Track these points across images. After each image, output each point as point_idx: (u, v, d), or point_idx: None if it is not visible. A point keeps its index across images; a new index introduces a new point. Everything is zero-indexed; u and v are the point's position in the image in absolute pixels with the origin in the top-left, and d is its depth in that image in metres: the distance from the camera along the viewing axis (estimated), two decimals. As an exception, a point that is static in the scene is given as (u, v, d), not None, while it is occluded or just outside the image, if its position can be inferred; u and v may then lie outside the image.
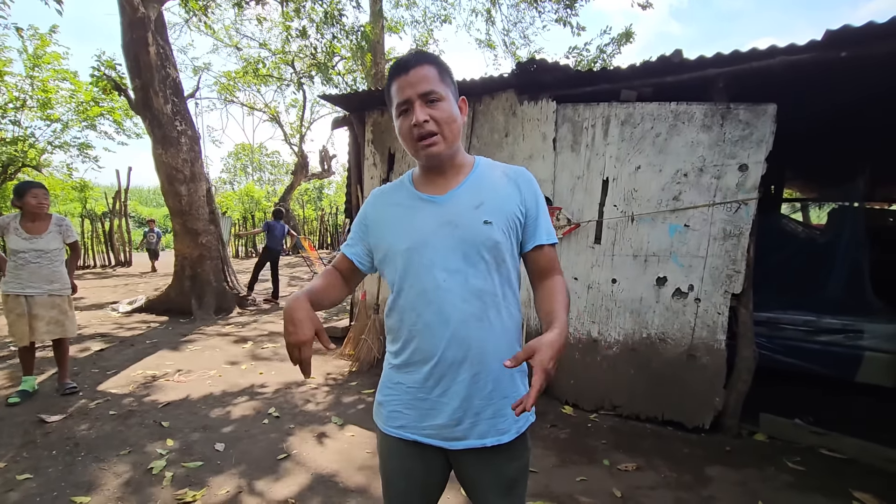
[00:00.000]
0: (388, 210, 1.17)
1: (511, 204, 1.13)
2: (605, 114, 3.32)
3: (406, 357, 1.14)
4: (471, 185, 1.15)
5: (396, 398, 1.16)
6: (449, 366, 1.09)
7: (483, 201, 1.12)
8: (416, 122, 1.05)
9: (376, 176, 4.66)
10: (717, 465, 2.71)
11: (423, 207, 1.14)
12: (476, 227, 1.09)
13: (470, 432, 1.10)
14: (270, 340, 5.31)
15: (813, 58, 2.66)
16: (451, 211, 1.11)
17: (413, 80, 1.05)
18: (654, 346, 3.23)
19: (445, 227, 1.10)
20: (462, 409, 1.09)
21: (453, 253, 1.09)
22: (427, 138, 1.07)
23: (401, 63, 1.08)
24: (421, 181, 1.18)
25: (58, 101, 10.91)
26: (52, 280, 3.39)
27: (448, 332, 1.08)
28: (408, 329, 1.12)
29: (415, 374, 1.13)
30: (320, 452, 2.82)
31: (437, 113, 1.06)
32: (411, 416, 1.13)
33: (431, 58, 1.10)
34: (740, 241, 2.99)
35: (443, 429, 1.11)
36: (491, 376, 1.10)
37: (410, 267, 1.11)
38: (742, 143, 2.95)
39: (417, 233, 1.11)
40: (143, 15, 5.67)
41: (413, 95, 1.05)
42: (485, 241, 1.09)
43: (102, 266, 12.65)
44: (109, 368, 4.18)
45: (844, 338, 3.63)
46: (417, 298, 1.10)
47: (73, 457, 2.67)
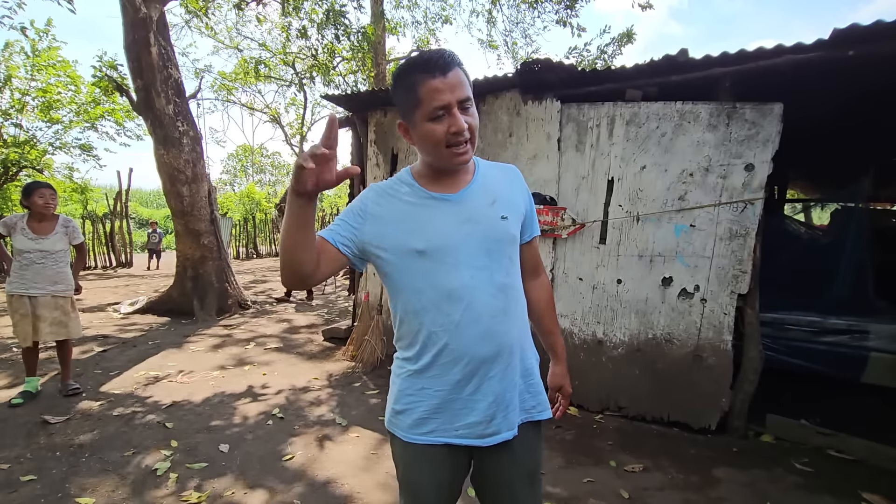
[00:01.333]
0: (395, 206, 1.12)
1: (518, 201, 1.19)
2: (609, 113, 3.31)
3: (430, 360, 1.11)
4: (481, 183, 1.16)
5: (422, 403, 1.12)
6: (482, 363, 1.09)
7: (496, 198, 1.15)
8: (459, 129, 1.01)
9: (379, 176, 4.65)
10: (725, 467, 2.70)
11: (437, 206, 1.11)
12: (495, 223, 1.12)
13: (502, 425, 1.11)
14: (273, 341, 5.29)
15: (820, 57, 2.65)
16: (469, 208, 1.11)
17: (452, 83, 1.00)
18: (660, 346, 3.22)
19: (466, 224, 1.10)
20: (496, 405, 1.10)
21: (477, 250, 1.09)
22: (461, 146, 1.04)
23: (434, 61, 1.01)
24: (427, 179, 1.14)
25: (60, 102, 10.89)
26: (56, 281, 3.38)
27: (480, 330, 1.08)
28: (432, 331, 1.09)
29: (443, 377, 1.10)
30: (325, 454, 2.80)
31: (472, 121, 1.04)
32: (441, 420, 1.11)
33: (459, 60, 1.04)
34: (746, 241, 2.97)
35: (476, 426, 1.10)
36: (517, 367, 1.15)
37: (432, 266, 1.08)
38: (748, 142, 2.93)
39: (437, 232, 1.08)
40: (144, 15, 5.66)
41: (453, 101, 1.00)
42: (504, 236, 1.13)
43: (104, 267, 12.64)
44: (112, 369, 4.16)
45: (850, 338, 3.60)
46: (444, 298, 1.08)
47: (77, 458, 2.66)
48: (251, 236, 17.61)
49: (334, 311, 7.23)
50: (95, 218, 12.95)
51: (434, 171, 1.13)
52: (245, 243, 17.42)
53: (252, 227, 17.71)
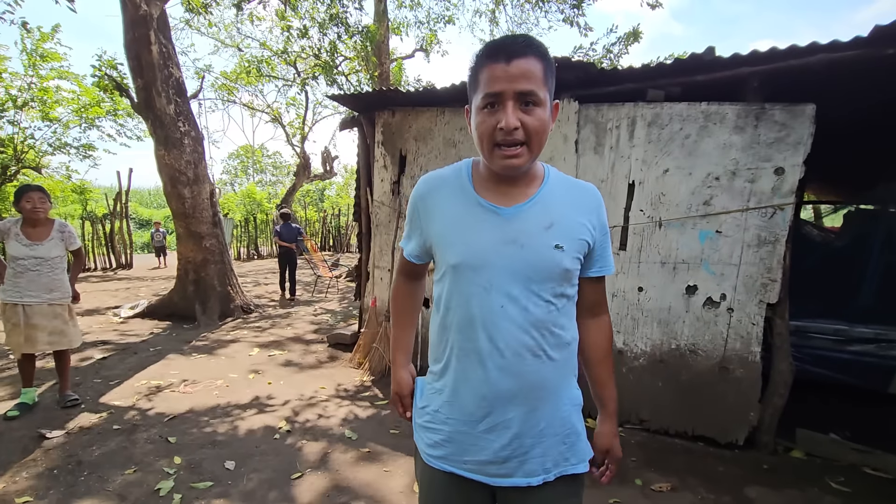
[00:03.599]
0: (442, 205, 1.02)
1: (583, 230, 1.01)
2: (630, 114, 3.18)
3: (448, 382, 1.04)
4: (541, 201, 0.99)
5: (436, 426, 1.06)
6: (499, 401, 0.98)
7: (554, 222, 0.98)
8: (506, 126, 0.88)
9: (386, 178, 4.52)
10: (756, 486, 2.57)
11: (483, 217, 0.98)
12: (545, 250, 0.96)
13: (517, 470, 1.00)
14: (277, 347, 5.16)
15: (856, 55, 2.52)
16: (518, 228, 0.97)
17: (514, 72, 0.87)
18: (684, 357, 3.09)
19: (509, 245, 0.96)
20: (510, 448, 0.99)
21: (515, 277, 0.96)
22: (510, 147, 0.90)
23: (502, 46, 0.89)
24: (483, 183, 1.01)
25: (59, 102, 10.74)
26: (52, 288, 3.24)
27: (501, 364, 0.97)
28: (453, 352, 1.02)
29: (458, 405, 1.02)
30: (336, 471, 2.67)
31: (531, 120, 0.89)
32: (451, 449, 1.03)
33: (541, 50, 0.90)
34: (776, 247, 2.84)
35: (486, 465, 1.01)
36: (545, 414, 1.00)
37: (462, 285, 0.98)
38: (778, 145, 2.81)
39: (475, 248, 0.97)
40: (145, 13, 5.53)
41: (509, 91, 0.87)
42: (553, 267, 0.97)
43: (103, 269, 12.49)
44: (112, 378, 4.03)
45: (877, 347, 3.49)
46: (468, 322, 0.98)
47: (76, 477, 2.53)
48: (252, 237, 17.44)
49: (339, 314, 7.09)
50: (95, 219, 12.80)
51: (490, 172, 1.00)
52: (246, 244, 17.25)
53: (253, 227, 17.53)
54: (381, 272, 4.62)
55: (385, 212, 4.53)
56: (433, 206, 1.03)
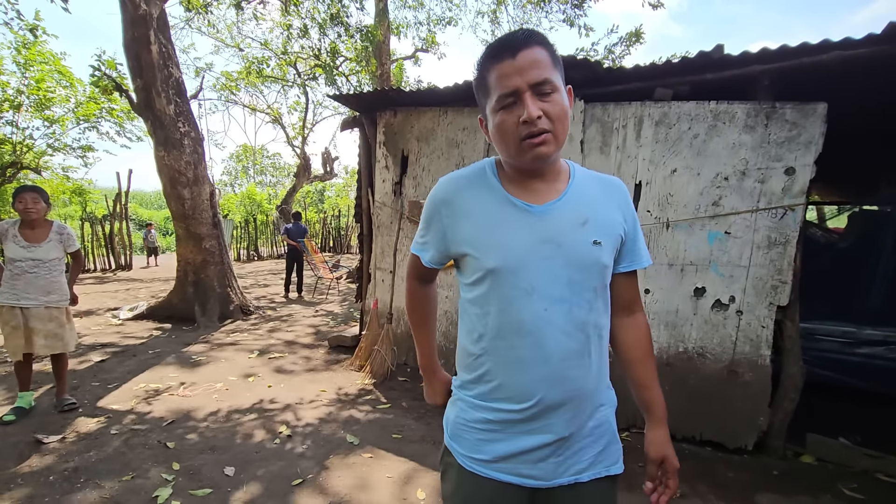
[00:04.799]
0: (470, 207, 0.97)
1: (616, 224, 0.99)
2: (637, 114, 3.13)
3: (486, 390, 0.99)
4: (573, 197, 0.97)
5: (475, 433, 1.01)
6: (544, 408, 0.95)
7: (588, 218, 0.96)
8: (529, 118, 0.85)
9: (388, 179, 4.47)
10: (767, 493, 2.51)
11: (517, 217, 0.95)
12: (584, 247, 0.94)
13: (553, 472, 0.98)
14: (277, 350, 5.10)
15: (871, 52, 2.47)
16: (553, 226, 0.94)
17: (522, 65, 0.85)
18: (692, 361, 3.04)
19: (547, 245, 0.93)
20: (549, 449, 0.97)
21: (557, 278, 0.93)
22: (537, 136, 0.87)
23: (504, 44, 0.88)
24: (511, 181, 0.98)
25: (55, 100, 10.68)
26: (50, 291, 3.19)
27: (546, 371, 0.94)
28: (492, 362, 0.98)
29: (498, 412, 0.98)
30: (337, 476, 2.62)
31: (551, 107, 0.87)
32: (490, 453, 0.99)
33: (541, 38, 0.89)
34: (786, 249, 2.79)
35: (525, 467, 0.98)
36: (585, 415, 0.98)
37: (501, 290, 0.94)
38: (788, 144, 2.76)
39: (512, 249, 0.93)
40: (144, 12, 5.48)
41: (522, 85, 0.86)
42: (593, 264, 0.95)
43: (103, 270, 12.44)
44: (110, 381, 3.97)
45: (886, 350, 3.43)
46: (510, 329, 0.94)
47: (72, 483, 2.47)
48: (252, 238, 17.38)
49: (340, 316, 7.04)
50: (94, 220, 12.75)
51: (517, 170, 0.97)
52: (246, 245, 17.19)
53: (253, 228, 17.47)
54: (382, 274, 4.56)
55: (387, 213, 4.48)
56: (460, 208, 0.98)
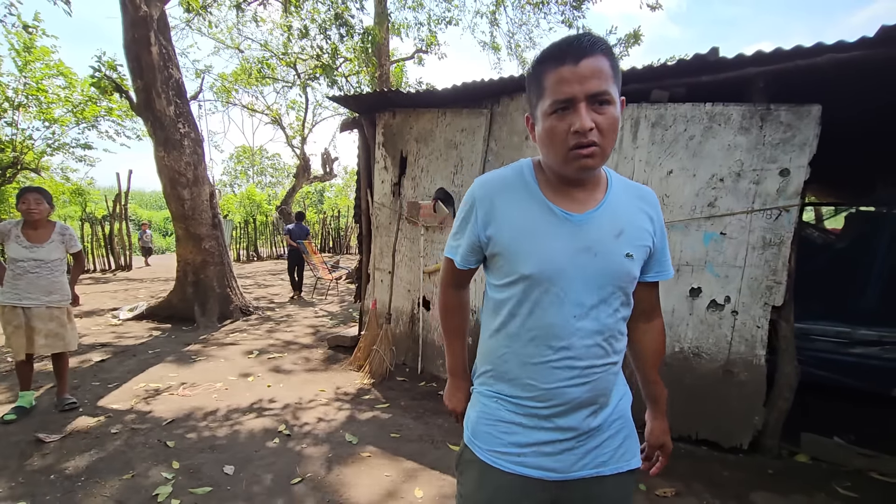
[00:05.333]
0: (509, 210, 0.98)
1: (646, 236, 1.02)
2: (633, 115, 3.15)
3: (511, 388, 1.02)
4: (610, 207, 0.99)
5: (496, 425, 1.04)
6: (570, 407, 0.99)
7: (623, 229, 0.98)
8: (581, 129, 0.85)
9: (387, 180, 4.50)
10: (762, 491, 2.54)
11: (556, 225, 0.96)
12: (618, 259, 0.97)
13: (574, 465, 1.01)
14: (277, 350, 5.13)
15: (864, 55, 2.50)
16: (591, 236, 0.96)
17: (584, 73, 0.84)
18: (688, 360, 3.06)
19: (583, 254, 0.95)
20: (572, 443, 1.00)
21: (589, 286, 0.95)
22: (586, 148, 0.87)
23: (568, 47, 0.86)
24: (550, 186, 0.99)
25: (55, 101, 10.69)
26: (51, 291, 3.21)
27: (571, 374, 0.97)
28: (518, 360, 1.00)
29: (521, 407, 1.01)
30: (336, 475, 2.64)
31: (603, 120, 0.87)
32: (513, 445, 1.02)
33: (606, 46, 0.87)
34: (781, 250, 2.82)
35: (548, 462, 1.00)
36: (607, 412, 1.03)
37: (534, 294, 0.96)
38: (783, 146, 2.78)
39: (550, 257, 0.94)
40: (145, 14, 5.50)
41: (580, 94, 0.85)
42: (625, 275, 0.98)
43: (102, 270, 12.46)
44: (111, 381, 3.99)
45: (881, 350, 3.46)
46: (539, 331, 0.97)
47: (73, 482, 2.49)
48: (252, 239, 17.40)
49: (339, 316, 7.06)
50: (94, 220, 12.77)
51: (557, 175, 0.98)
52: (246, 246, 17.21)
53: (253, 229, 17.49)
54: (381, 274, 4.59)
55: (385, 213, 4.51)
56: (498, 210, 0.99)
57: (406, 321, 4.45)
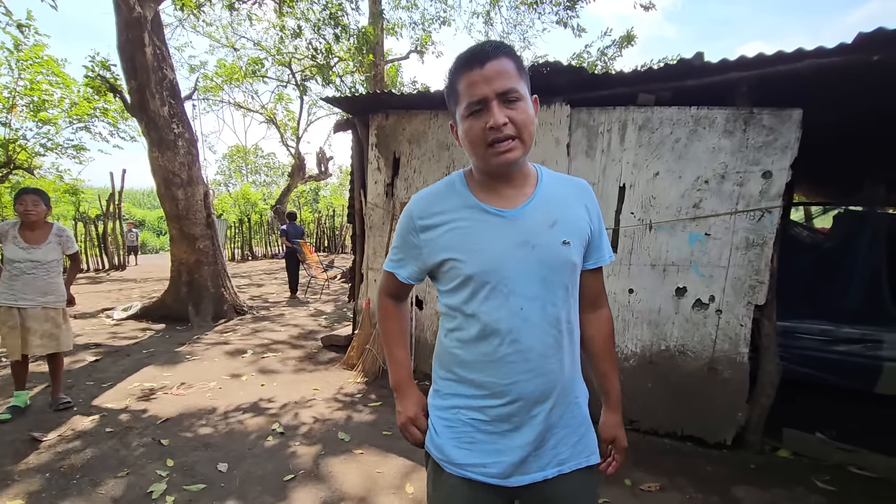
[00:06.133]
0: (445, 220, 1.02)
1: (582, 223, 1.05)
2: (621, 118, 3.21)
3: (468, 391, 1.04)
4: (542, 200, 1.03)
5: (455, 430, 1.05)
6: (526, 402, 1.01)
7: (557, 219, 1.02)
8: (495, 124, 0.91)
9: (380, 181, 4.54)
10: (744, 485, 2.61)
11: (491, 223, 1.00)
12: (555, 248, 1.00)
13: (533, 465, 1.03)
14: (271, 349, 5.16)
15: (843, 61, 2.56)
16: (526, 229, 0.99)
17: (490, 74, 0.91)
18: (674, 358, 3.13)
19: (521, 248, 0.99)
20: (533, 444, 1.02)
21: (532, 278, 0.99)
22: (504, 143, 0.93)
23: (473, 54, 0.93)
24: (481, 189, 1.03)
25: (51, 102, 10.66)
26: (47, 292, 3.24)
27: (526, 367, 0.99)
28: (473, 361, 1.02)
29: (479, 410, 1.03)
30: (329, 472, 2.69)
31: (517, 114, 0.93)
32: (472, 453, 1.03)
33: (508, 49, 0.95)
34: (764, 250, 2.89)
35: (508, 466, 1.02)
36: (562, 408, 1.05)
37: (480, 293, 0.99)
38: (766, 149, 2.85)
39: (489, 255, 0.98)
40: (139, 15, 5.51)
41: (490, 94, 0.91)
42: (564, 263, 1.01)
43: (96, 270, 12.43)
44: (105, 381, 4.02)
45: (863, 347, 3.54)
46: (490, 328, 0.99)
47: (68, 480, 2.53)
48: (247, 238, 17.38)
49: (333, 316, 7.10)
50: (88, 220, 12.73)
51: (487, 177, 1.03)
52: (240, 245, 17.20)
53: (247, 228, 17.48)
54: (374, 274, 4.63)
55: (379, 214, 4.55)
56: (435, 223, 1.03)
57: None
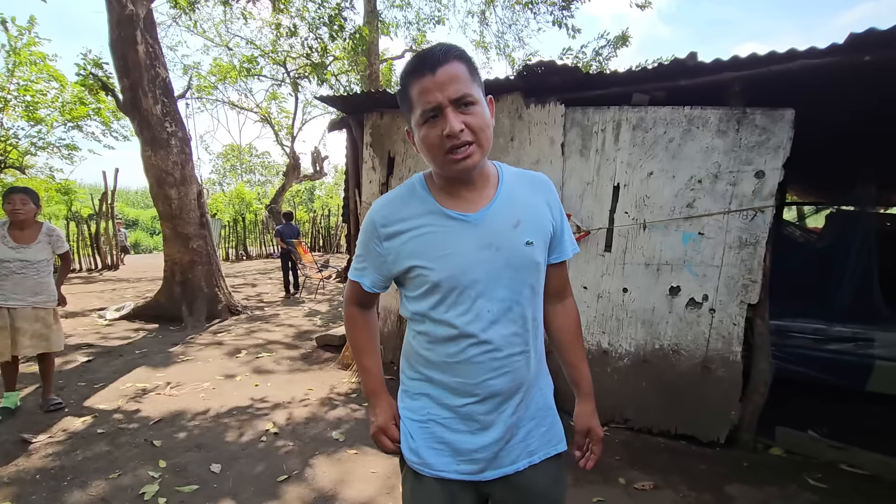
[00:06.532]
0: (408, 226, 1.01)
1: (545, 220, 1.06)
2: (615, 118, 3.22)
3: (437, 390, 1.04)
4: (504, 200, 1.03)
5: (427, 430, 1.06)
6: (494, 400, 1.02)
7: (520, 219, 1.02)
8: (451, 132, 0.89)
9: (375, 180, 4.52)
10: (737, 483, 2.62)
11: (455, 228, 0.99)
12: (519, 249, 1.00)
13: (504, 459, 1.05)
14: (265, 349, 5.14)
15: (835, 62, 2.58)
16: (490, 232, 0.99)
17: (442, 80, 0.89)
18: (668, 357, 3.14)
19: (486, 250, 0.99)
20: (504, 440, 1.04)
21: (498, 280, 0.99)
22: (461, 149, 0.92)
23: (424, 60, 0.91)
24: (442, 193, 1.02)
25: (44, 102, 10.56)
26: (37, 292, 3.21)
27: (495, 366, 1.00)
28: (444, 361, 1.02)
29: (450, 409, 1.04)
30: (322, 472, 2.68)
31: (473, 119, 0.91)
32: (443, 451, 1.04)
33: (459, 52, 0.93)
34: (756, 249, 2.90)
35: (480, 461, 1.03)
36: (530, 403, 1.07)
37: (448, 298, 0.99)
38: (759, 148, 2.86)
39: (455, 261, 0.98)
40: (131, 12, 5.47)
41: (444, 100, 0.89)
42: (529, 264, 1.02)
43: (88, 270, 12.32)
44: (97, 381, 3.99)
45: (854, 346, 3.56)
46: (458, 331, 0.99)
47: (59, 482, 2.50)
48: (241, 238, 17.30)
49: (327, 316, 7.07)
50: (80, 219, 12.62)
51: (447, 181, 1.02)
52: (235, 245, 17.10)
53: (242, 228, 17.39)
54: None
55: (373, 213, 4.53)
56: (399, 230, 1.01)
57: (394, 320, 4.48)
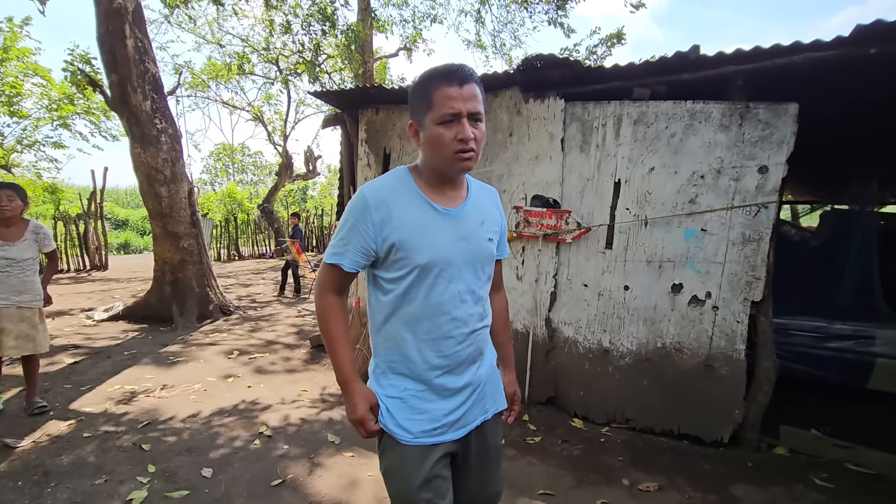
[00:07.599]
0: (401, 211, 1.15)
1: (497, 223, 1.32)
2: (616, 113, 3.16)
3: (415, 365, 1.19)
4: (473, 202, 1.25)
5: (405, 404, 1.20)
6: (460, 368, 1.23)
7: (484, 219, 1.26)
8: (466, 137, 1.09)
9: (370, 176, 4.44)
10: (742, 483, 2.57)
11: (440, 220, 1.18)
12: (483, 243, 1.24)
13: (469, 416, 1.26)
14: (258, 350, 5.04)
15: (839, 54, 2.54)
16: (464, 227, 1.20)
17: (466, 95, 1.08)
18: (670, 356, 3.09)
19: (462, 241, 1.19)
20: (472, 400, 1.26)
21: (467, 267, 1.20)
22: (468, 153, 1.11)
23: (454, 72, 1.10)
24: (428, 187, 1.19)
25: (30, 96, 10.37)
26: (22, 291, 3.09)
27: (463, 338, 1.21)
28: (419, 337, 1.18)
29: (422, 381, 1.20)
30: (318, 476, 2.60)
31: (479, 133, 1.12)
32: (423, 422, 1.19)
33: (477, 77, 1.13)
34: (760, 246, 2.86)
35: (452, 424, 1.22)
36: (485, 365, 1.31)
37: (428, 280, 1.15)
38: (762, 143, 2.82)
39: (439, 247, 1.16)
40: (119, 5, 5.35)
41: (464, 111, 1.08)
42: (489, 255, 1.27)
43: (77, 270, 12.11)
44: (84, 383, 3.87)
45: (855, 344, 3.54)
46: (435, 309, 1.17)
47: (42, 488, 2.40)
48: (233, 238, 17.10)
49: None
50: (68, 219, 12.40)
51: (436, 176, 1.18)
52: (226, 245, 16.90)
53: (234, 228, 17.18)
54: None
55: (369, 211, 4.45)
56: (393, 212, 1.13)
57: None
